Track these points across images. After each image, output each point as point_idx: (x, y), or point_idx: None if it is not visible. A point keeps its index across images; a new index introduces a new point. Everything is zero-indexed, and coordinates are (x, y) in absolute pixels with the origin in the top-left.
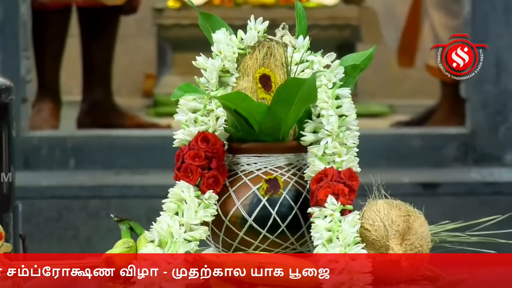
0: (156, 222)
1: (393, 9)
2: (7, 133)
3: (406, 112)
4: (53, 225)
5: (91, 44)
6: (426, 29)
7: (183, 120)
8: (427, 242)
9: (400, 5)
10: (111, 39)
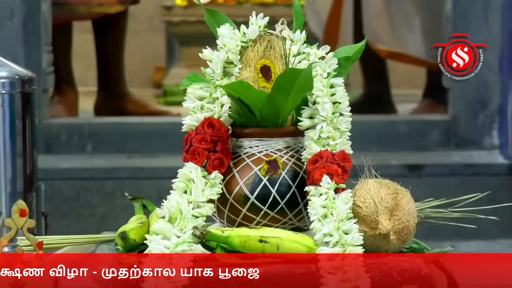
0: (167, 200)
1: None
2: (30, 120)
3: (394, 101)
4: (72, 204)
5: (103, 39)
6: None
7: (191, 107)
8: (413, 217)
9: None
10: (121, 33)
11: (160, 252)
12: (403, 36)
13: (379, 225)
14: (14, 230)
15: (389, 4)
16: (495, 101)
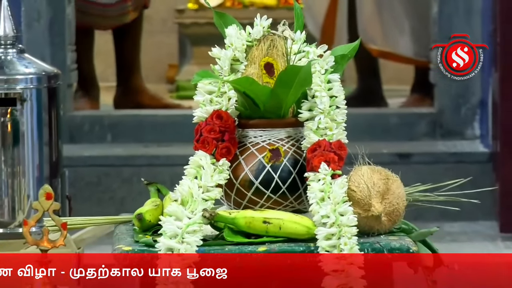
0: (179, 185)
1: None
2: (55, 112)
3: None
4: (93, 189)
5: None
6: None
7: (201, 100)
8: (403, 200)
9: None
10: (137, 35)
11: (173, 232)
12: (393, 37)
13: (372, 207)
14: (40, 212)
15: (381, 8)
16: (476, 95)
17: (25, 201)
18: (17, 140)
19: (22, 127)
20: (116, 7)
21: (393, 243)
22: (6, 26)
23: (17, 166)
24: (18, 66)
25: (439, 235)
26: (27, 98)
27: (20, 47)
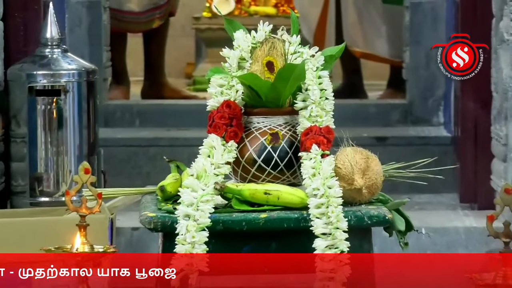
0: (195, 162)
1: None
2: (93, 102)
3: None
4: (124, 165)
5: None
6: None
7: (213, 92)
8: (380, 176)
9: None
10: (162, 38)
11: (190, 201)
12: (372, 41)
13: (355, 182)
14: (80, 184)
15: (362, 17)
16: (441, 89)
17: (67, 175)
18: (61, 125)
19: (65, 114)
20: (145, 15)
21: (372, 212)
22: (52, 30)
23: (61, 146)
24: (62, 63)
25: (410, 205)
26: (70, 90)
27: (64, 47)
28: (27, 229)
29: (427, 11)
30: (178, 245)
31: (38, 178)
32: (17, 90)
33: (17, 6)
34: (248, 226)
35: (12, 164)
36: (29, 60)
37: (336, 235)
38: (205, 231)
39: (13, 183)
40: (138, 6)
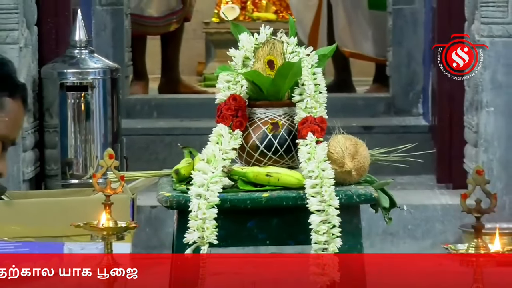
0: (205, 148)
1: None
2: (116, 96)
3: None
4: (143, 151)
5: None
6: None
7: (221, 87)
8: (367, 160)
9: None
10: (178, 41)
11: (201, 183)
12: (360, 42)
13: (345, 165)
14: (105, 168)
15: (350, 21)
16: (420, 84)
17: (94, 160)
18: (88, 116)
19: (92, 107)
20: (163, 20)
21: (360, 191)
22: (80, 33)
23: (88, 135)
24: (89, 63)
25: (393, 185)
26: (96, 86)
27: (91, 48)
28: (59, 207)
29: (408, 16)
30: (191, 221)
31: (69, 163)
32: (49, 86)
33: (49, 13)
34: (252, 204)
35: (46, 151)
36: (60, 60)
37: (329, 211)
38: (214, 209)
39: (47, 167)
40: (157, 12)
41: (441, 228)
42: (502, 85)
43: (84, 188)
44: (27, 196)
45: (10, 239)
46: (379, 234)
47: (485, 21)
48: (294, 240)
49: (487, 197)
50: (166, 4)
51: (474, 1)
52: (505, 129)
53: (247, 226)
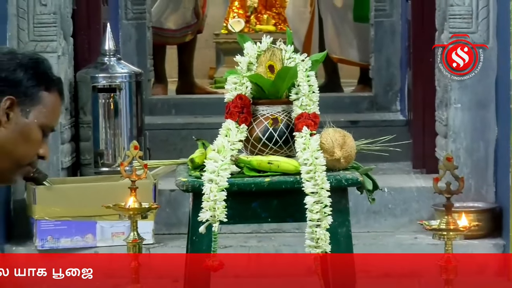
0: (216, 140)
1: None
2: (140, 96)
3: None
4: (163, 143)
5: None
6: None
7: (229, 88)
8: (354, 149)
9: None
10: (192, 49)
11: (212, 169)
12: (346, 50)
13: (335, 154)
14: (130, 157)
15: (338, 32)
16: (397, 85)
17: (122, 151)
18: (117, 114)
19: (119, 105)
20: (180, 32)
21: (348, 176)
22: (109, 43)
23: (116, 129)
24: (117, 68)
25: (375, 170)
26: (123, 88)
27: (118, 56)
28: (92, 191)
29: (387, 27)
30: (204, 202)
31: (100, 154)
32: (83, 89)
33: (83, 26)
34: (256, 187)
35: (81, 143)
36: (92, 66)
37: (322, 193)
38: (224, 192)
39: (82, 157)
40: (175, 25)
41: (416, 207)
42: (467, 85)
43: (113, 175)
44: (65, 182)
45: (51, 218)
46: (364, 213)
47: (452, 31)
48: (292, 218)
49: (455, 180)
50: (182, 18)
51: (443, 14)
52: (470, 122)
53: (252, 206)
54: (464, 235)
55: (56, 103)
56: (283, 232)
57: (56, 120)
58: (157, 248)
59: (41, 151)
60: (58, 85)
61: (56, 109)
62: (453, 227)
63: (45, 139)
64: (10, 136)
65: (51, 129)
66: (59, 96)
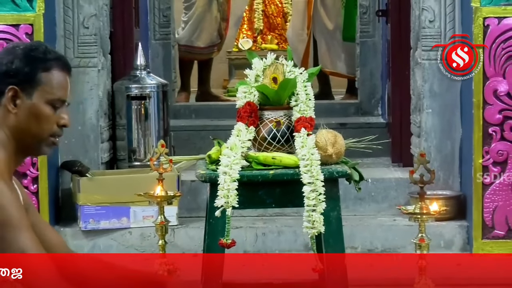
0: (229, 140)
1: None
2: (166, 103)
3: (333, 94)
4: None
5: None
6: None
7: (240, 96)
8: (343, 147)
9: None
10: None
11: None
12: (336, 64)
13: (327, 150)
14: (158, 154)
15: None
16: (379, 94)
17: (151, 148)
18: (147, 117)
19: (149, 111)
20: (208, 49)
21: (338, 169)
22: (141, 59)
23: (146, 130)
24: (147, 80)
25: (361, 164)
26: (152, 96)
27: (148, 70)
28: (127, 182)
29: (370, 46)
30: (219, 190)
31: (133, 151)
32: (119, 97)
33: (119, 45)
34: (262, 178)
35: (117, 142)
36: (126, 79)
37: (317, 183)
38: (236, 182)
39: (118, 154)
40: (203, 44)
41: (395, 195)
42: (437, 93)
43: (144, 168)
44: (104, 174)
45: (93, 204)
46: (351, 199)
47: (425, 49)
48: (292, 204)
49: (427, 172)
50: (209, 38)
51: (417, 35)
52: (439, 125)
53: (259, 194)
54: (434, 218)
55: (57, 79)
56: (285, 216)
57: (62, 92)
58: (180, 228)
59: (62, 121)
60: (57, 62)
61: (60, 84)
62: (425, 211)
63: (61, 110)
64: (21, 119)
65: (61, 101)
66: (60, 72)
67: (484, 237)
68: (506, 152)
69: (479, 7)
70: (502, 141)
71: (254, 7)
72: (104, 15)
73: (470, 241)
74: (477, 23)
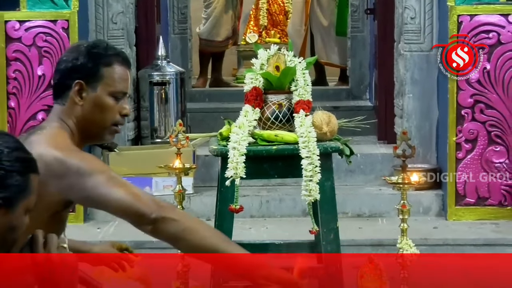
0: (238, 119)
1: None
2: (184, 88)
3: (328, 81)
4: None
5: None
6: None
7: (247, 82)
8: (336, 126)
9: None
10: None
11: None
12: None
13: (322, 129)
14: (177, 132)
15: (324, 43)
16: (367, 81)
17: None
18: (167, 101)
19: (169, 95)
20: (224, 42)
21: (332, 145)
22: (161, 51)
23: (167, 112)
24: (167, 68)
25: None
26: (171, 82)
27: (168, 60)
28: (150, 156)
29: (360, 40)
30: (229, 163)
31: (155, 129)
32: (143, 83)
33: (142, 39)
34: (266, 153)
35: (141, 122)
36: (149, 67)
37: (313, 157)
38: (243, 156)
39: (142, 132)
40: (221, 37)
41: (380, 167)
42: (417, 81)
43: (164, 144)
44: (130, 150)
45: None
46: (343, 171)
47: (407, 42)
48: (292, 175)
49: (409, 148)
50: (226, 33)
51: (400, 30)
52: (419, 107)
53: (263, 166)
54: (414, 188)
55: (118, 73)
56: (286, 185)
57: (123, 85)
58: (195, 196)
59: (124, 111)
60: (117, 57)
61: (120, 77)
62: (407, 182)
63: (122, 101)
64: (87, 110)
65: (123, 93)
66: (121, 66)
67: (457, 204)
68: (476, 131)
69: (454, 6)
70: (473, 121)
71: (260, 6)
72: (130, 12)
73: (445, 207)
74: (452, 19)
